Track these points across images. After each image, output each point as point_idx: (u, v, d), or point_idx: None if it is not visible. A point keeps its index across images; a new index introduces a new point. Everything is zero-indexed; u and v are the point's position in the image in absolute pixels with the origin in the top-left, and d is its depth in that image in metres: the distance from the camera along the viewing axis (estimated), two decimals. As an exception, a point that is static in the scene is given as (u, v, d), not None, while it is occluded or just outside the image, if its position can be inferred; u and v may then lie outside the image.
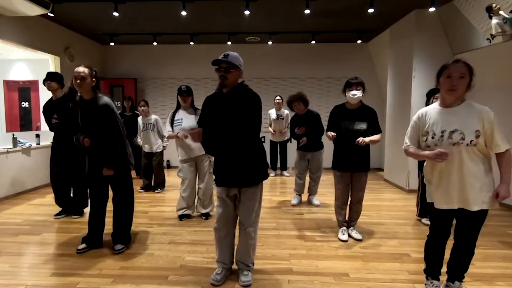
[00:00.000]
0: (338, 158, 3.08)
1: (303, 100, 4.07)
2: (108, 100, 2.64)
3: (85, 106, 2.65)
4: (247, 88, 2.20)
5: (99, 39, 6.98)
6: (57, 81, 3.60)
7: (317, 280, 2.34)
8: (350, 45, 7.12)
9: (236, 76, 2.15)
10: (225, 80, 2.12)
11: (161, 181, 5.13)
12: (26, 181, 4.98)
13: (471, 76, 1.83)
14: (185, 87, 3.59)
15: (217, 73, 2.14)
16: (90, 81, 2.60)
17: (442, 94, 1.92)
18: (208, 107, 2.26)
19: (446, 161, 1.84)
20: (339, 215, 3.18)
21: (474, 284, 2.29)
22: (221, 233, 2.31)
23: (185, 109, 3.63)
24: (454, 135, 1.83)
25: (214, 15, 5.40)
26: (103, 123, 2.60)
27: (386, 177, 6.06)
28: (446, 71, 1.86)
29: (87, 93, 2.64)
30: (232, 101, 2.13)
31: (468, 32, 4.47)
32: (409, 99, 5.09)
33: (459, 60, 1.85)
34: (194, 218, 3.74)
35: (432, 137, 1.90)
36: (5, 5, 4.09)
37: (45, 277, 2.38)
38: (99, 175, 2.70)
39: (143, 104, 4.97)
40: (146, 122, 4.96)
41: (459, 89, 1.82)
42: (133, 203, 2.96)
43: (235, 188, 2.23)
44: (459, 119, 1.84)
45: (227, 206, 2.27)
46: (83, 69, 2.58)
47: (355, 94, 2.91)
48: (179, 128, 3.52)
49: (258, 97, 2.17)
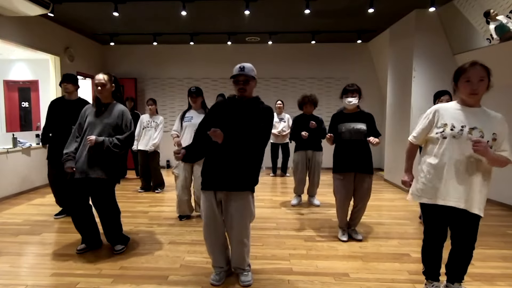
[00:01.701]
0: (340, 159, 3.05)
1: (315, 104, 4.25)
2: (125, 108, 2.78)
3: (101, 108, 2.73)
4: (260, 101, 2.27)
5: (99, 39, 6.98)
6: (73, 83, 3.64)
7: (317, 280, 2.34)
8: (350, 45, 7.12)
9: (253, 86, 2.23)
10: (245, 92, 2.18)
11: (159, 181, 5.13)
12: (26, 181, 4.98)
13: (489, 77, 1.83)
14: (194, 88, 3.64)
15: (235, 85, 2.19)
16: (110, 87, 2.72)
17: (462, 97, 1.91)
18: (218, 111, 2.26)
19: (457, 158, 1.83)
20: (341, 222, 3.17)
21: (474, 284, 2.29)
22: (211, 240, 2.27)
23: (195, 109, 3.69)
24: (474, 132, 1.83)
25: (214, 15, 5.41)
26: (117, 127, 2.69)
27: (386, 177, 6.06)
28: (464, 75, 1.84)
29: (106, 98, 2.74)
30: (247, 110, 2.17)
31: (468, 32, 4.47)
32: (409, 99, 5.09)
33: (476, 63, 1.83)
34: (194, 218, 3.74)
35: (451, 129, 1.86)
36: (5, 5, 4.09)
37: (45, 277, 2.38)
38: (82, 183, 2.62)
39: (151, 103, 5.03)
40: (152, 120, 4.98)
41: (480, 93, 1.83)
42: (118, 212, 2.84)
43: (222, 193, 2.15)
44: (480, 119, 1.85)
45: (213, 213, 2.19)
46: (103, 76, 2.69)
47: (350, 101, 3.00)
48: (189, 123, 3.58)
49: (271, 110, 2.25)
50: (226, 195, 2.16)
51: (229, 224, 2.20)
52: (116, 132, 2.69)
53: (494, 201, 4.38)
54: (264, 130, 2.16)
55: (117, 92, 2.80)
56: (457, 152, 1.85)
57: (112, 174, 2.69)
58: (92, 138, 2.55)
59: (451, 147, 1.86)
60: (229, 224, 2.20)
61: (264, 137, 2.17)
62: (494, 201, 4.38)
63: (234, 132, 2.08)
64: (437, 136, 1.92)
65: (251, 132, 2.10)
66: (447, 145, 1.87)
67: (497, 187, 4.24)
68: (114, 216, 2.81)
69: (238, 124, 2.13)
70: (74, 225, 2.76)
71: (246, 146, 2.11)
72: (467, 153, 1.82)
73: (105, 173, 2.63)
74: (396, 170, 5.58)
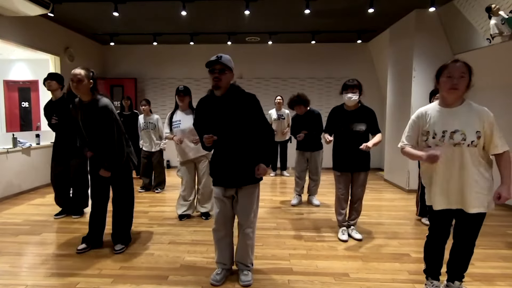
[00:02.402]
0: (338, 158, 3.08)
1: (303, 103, 4.07)
2: (107, 102, 2.60)
3: (85, 108, 2.62)
4: (240, 89, 2.21)
5: (99, 39, 6.98)
6: (57, 81, 3.60)
7: (317, 280, 2.34)
8: (350, 45, 7.12)
9: (229, 78, 2.16)
10: (219, 82, 2.11)
11: (161, 181, 5.13)
12: (26, 181, 4.98)
13: (470, 75, 1.84)
14: (183, 87, 3.57)
15: (211, 75, 2.14)
16: (87, 83, 2.55)
17: (442, 94, 1.92)
18: (203, 110, 2.26)
19: (444, 162, 1.84)
20: (339, 215, 3.18)
21: (474, 284, 2.29)
22: (219, 234, 2.31)
23: (183, 110, 3.62)
24: (456, 136, 1.83)
25: (214, 15, 5.40)
26: (102, 125, 2.58)
27: (386, 177, 6.06)
28: (446, 71, 1.86)
29: (85, 95, 2.60)
30: (229, 104, 2.14)
31: (468, 32, 4.46)
32: (409, 99, 5.09)
33: (458, 60, 1.87)
34: (194, 218, 3.74)
35: (433, 137, 1.90)
36: (5, 5, 4.09)
37: (45, 277, 2.38)
38: (100, 175, 2.71)
39: (145, 103, 5.00)
40: (147, 121, 4.97)
41: (460, 89, 1.83)
42: (133, 204, 2.96)
43: (232, 189, 2.23)
44: (460, 119, 1.84)
45: (225, 207, 2.26)
46: (80, 71, 2.53)
47: (350, 97, 2.93)
48: (178, 130, 3.53)
49: (255, 97, 2.20)
50: (236, 190, 2.23)
51: (239, 213, 2.26)
52: (105, 129, 2.58)
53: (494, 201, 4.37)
54: (263, 120, 2.20)
55: (94, 89, 2.61)
56: (443, 158, 1.85)
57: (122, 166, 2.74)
58: (103, 174, 2.65)
59: None
60: (239, 213, 2.26)
61: (264, 122, 2.21)
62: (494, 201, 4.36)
63: (226, 128, 2.11)
64: (423, 144, 1.97)
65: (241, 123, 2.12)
66: None
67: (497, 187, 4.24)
68: (128, 205, 2.88)
69: (226, 120, 2.13)
70: (90, 218, 2.86)
71: (242, 137, 2.14)
72: (453, 156, 1.84)
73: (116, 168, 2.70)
74: (396, 170, 5.58)
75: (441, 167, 1.89)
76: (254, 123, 2.16)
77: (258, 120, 2.18)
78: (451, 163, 1.86)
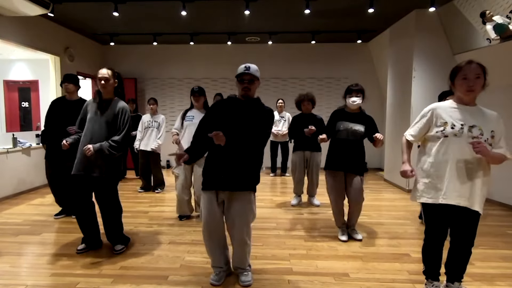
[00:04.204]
0: (332, 157, 3.08)
1: (312, 101, 4.17)
2: (124, 103, 2.77)
3: (105, 105, 2.72)
4: (261, 102, 2.29)
5: (99, 39, 6.98)
6: (74, 83, 3.63)
7: (317, 280, 2.34)
8: (350, 45, 7.12)
9: (256, 87, 2.25)
10: (249, 92, 2.19)
11: (160, 181, 5.13)
12: (26, 181, 4.98)
13: (485, 75, 1.86)
14: (197, 88, 3.66)
15: (240, 84, 2.20)
16: (113, 82, 2.73)
17: (458, 95, 1.93)
18: (220, 108, 2.27)
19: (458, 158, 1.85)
20: (337, 221, 3.19)
21: (474, 284, 2.29)
22: (211, 241, 2.26)
23: (198, 109, 3.69)
24: (474, 130, 1.85)
25: (214, 15, 5.40)
26: (118, 123, 2.68)
27: (386, 177, 6.06)
28: (461, 73, 1.87)
29: (109, 94, 2.75)
30: (249, 111, 2.19)
31: (468, 32, 4.47)
32: (409, 99, 5.09)
33: (472, 61, 1.87)
34: (194, 218, 3.74)
35: (451, 128, 1.88)
36: (5, 5, 4.09)
37: (45, 277, 2.38)
38: (83, 180, 2.65)
39: (153, 102, 5.07)
40: (153, 120, 5.00)
41: (476, 89, 1.86)
42: (120, 210, 2.86)
43: (225, 193, 2.17)
44: (477, 116, 1.88)
45: (214, 213, 2.18)
46: (106, 71, 2.70)
47: (354, 101, 2.98)
48: (190, 123, 3.56)
49: (273, 114, 2.30)
50: (229, 195, 2.17)
51: (231, 223, 2.20)
52: (114, 129, 2.67)
53: (494, 201, 4.38)
54: (265, 132, 2.21)
55: (118, 88, 2.81)
56: (458, 151, 1.86)
57: (112, 172, 2.70)
58: (90, 148, 2.54)
59: (452, 146, 1.87)
60: (231, 223, 2.20)
61: (264, 138, 2.21)
62: (494, 201, 4.37)
63: (236, 132, 2.10)
64: (437, 135, 1.93)
65: (252, 132, 2.13)
66: (449, 144, 1.89)
67: (497, 187, 4.24)
68: (115, 214, 2.81)
69: (240, 125, 2.14)
70: (78, 222, 2.79)
71: (247, 146, 2.14)
72: (468, 151, 1.84)
73: (105, 172, 2.64)
74: (396, 170, 5.56)
75: (455, 163, 1.87)
76: (257, 134, 2.16)
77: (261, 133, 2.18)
78: (464, 159, 1.86)
